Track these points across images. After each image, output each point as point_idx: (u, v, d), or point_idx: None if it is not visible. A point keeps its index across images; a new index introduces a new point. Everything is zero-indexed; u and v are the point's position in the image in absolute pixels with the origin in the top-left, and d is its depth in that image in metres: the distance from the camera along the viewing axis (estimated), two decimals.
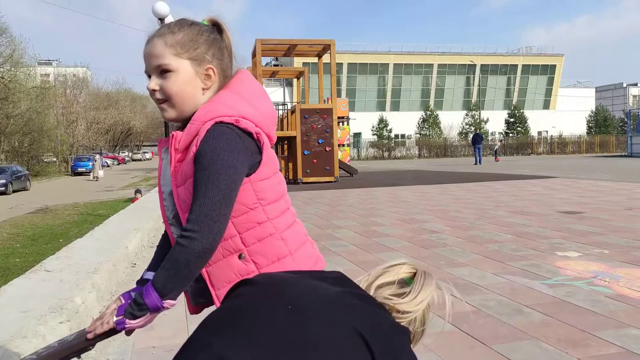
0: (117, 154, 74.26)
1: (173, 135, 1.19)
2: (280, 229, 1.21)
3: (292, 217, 1.27)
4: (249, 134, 1.15)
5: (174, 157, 1.18)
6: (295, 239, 1.24)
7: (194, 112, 1.19)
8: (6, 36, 36.75)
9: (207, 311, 1.35)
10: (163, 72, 1.20)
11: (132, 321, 1.13)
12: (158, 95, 1.21)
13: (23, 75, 39.09)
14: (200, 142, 1.12)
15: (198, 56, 1.20)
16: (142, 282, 1.31)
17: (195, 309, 1.33)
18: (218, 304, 1.21)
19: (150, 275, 1.30)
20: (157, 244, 1.41)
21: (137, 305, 1.12)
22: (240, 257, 1.18)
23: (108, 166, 48.75)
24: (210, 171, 1.09)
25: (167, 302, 1.12)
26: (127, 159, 76.49)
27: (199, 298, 1.29)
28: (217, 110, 1.16)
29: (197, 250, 1.08)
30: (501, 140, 45.25)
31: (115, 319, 1.15)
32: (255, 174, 1.17)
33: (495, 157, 34.31)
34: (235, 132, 1.13)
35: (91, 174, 34.86)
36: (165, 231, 1.35)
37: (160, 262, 1.26)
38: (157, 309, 1.13)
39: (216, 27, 1.27)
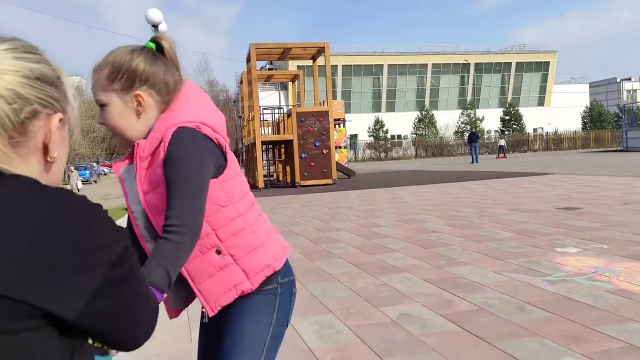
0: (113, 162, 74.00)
1: (138, 144, 1.24)
2: (250, 223, 1.31)
3: (257, 212, 1.36)
4: (210, 139, 1.23)
5: (140, 166, 1.24)
6: (264, 230, 1.35)
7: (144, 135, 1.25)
8: None
9: (187, 311, 1.36)
10: (101, 107, 1.27)
11: None
12: (105, 128, 1.29)
13: None
14: (167, 145, 1.18)
15: (123, 86, 1.23)
16: None
17: (174, 313, 1.41)
18: (201, 298, 1.29)
19: None
20: None
21: None
22: (217, 252, 1.27)
23: (105, 174, 48.62)
24: (184, 170, 1.16)
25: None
26: None
27: (178, 304, 1.38)
28: (177, 117, 1.23)
29: (188, 243, 1.16)
30: (502, 138, 44.36)
31: None
32: (223, 175, 1.26)
33: (501, 154, 33.38)
34: (199, 134, 1.21)
35: (68, 186, 34.96)
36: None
37: None
38: None
39: (158, 45, 1.30)
